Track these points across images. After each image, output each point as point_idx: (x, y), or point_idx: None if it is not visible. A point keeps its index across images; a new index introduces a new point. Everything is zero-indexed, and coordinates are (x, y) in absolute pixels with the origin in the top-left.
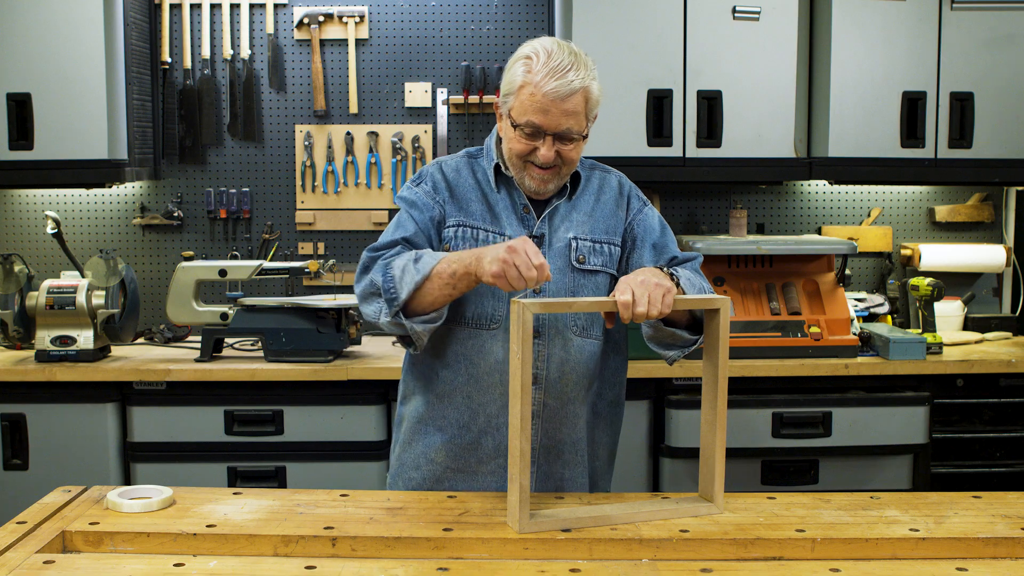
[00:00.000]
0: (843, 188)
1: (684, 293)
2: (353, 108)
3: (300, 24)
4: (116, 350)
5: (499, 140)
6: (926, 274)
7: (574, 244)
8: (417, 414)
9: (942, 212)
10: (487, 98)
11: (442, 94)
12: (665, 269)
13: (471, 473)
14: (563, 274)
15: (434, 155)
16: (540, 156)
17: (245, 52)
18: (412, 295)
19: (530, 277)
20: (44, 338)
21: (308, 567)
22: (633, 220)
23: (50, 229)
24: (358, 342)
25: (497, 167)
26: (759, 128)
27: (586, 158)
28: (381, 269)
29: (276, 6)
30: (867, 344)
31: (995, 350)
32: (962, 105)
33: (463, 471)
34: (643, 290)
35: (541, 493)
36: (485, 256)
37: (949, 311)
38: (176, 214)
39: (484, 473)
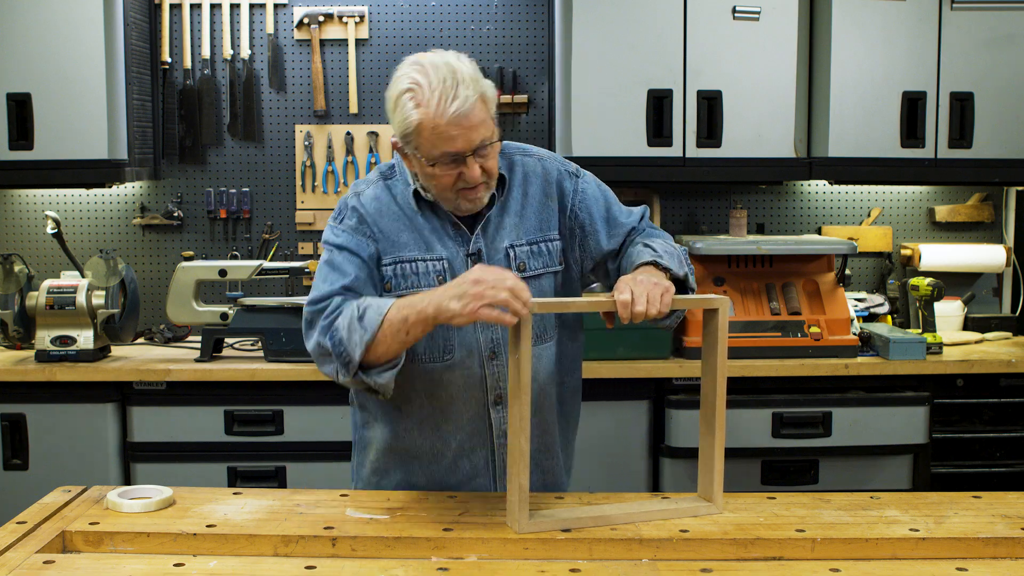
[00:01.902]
0: (843, 188)
1: (671, 272)
2: (353, 108)
3: (300, 24)
4: (116, 350)
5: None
6: (926, 274)
7: (511, 253)
8: (386, 443)
9: (942, 212)
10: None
11: None
12: (659, 264)
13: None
14: None
15: None
16: (468, 178)
17: (245, 52)
18: (364, 353)
19: (518, 306)
20: (44, 338)
21: (308, 567)
22: (572, 207)
23: (50, 229)
24: None
25: (416, 192)
26: (759, 128)
27: (505, 144)
28: (326, 331)
29: (276, 6)
30: (867, 344)
31: (995, 350)
32: (962, 105)
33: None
34: (642, 289)
35: (541, 493)
36: (444, 299)
37: (949, 311)
38: (176, 214)
39: (467, 491)
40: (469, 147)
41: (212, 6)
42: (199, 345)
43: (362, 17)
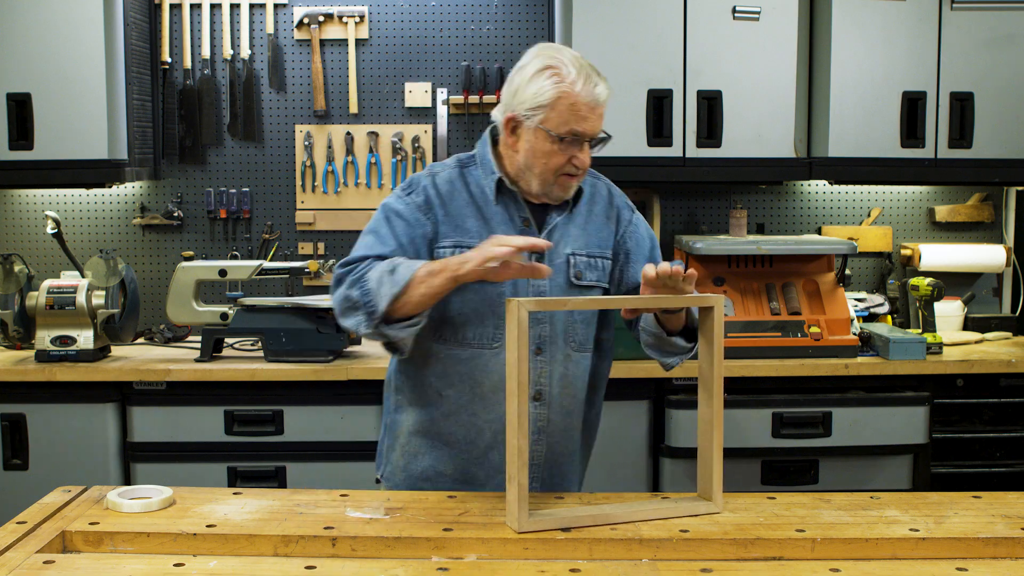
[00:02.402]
0: (843, 188)
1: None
2: (353, 108)
3: (300, 24)
4: (116, 350)
5: (496, 152)
6: (926, 274)
7: (572, 260)
8: (420, 426)
9: (942, 212)
10: (487, 98)
11: (442, 94)
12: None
13: (479, 486)
14: (562, 290)
15: (434, 155)
16: (579, 162)
17: (245, 52)
18: (391, 305)
19: (506, 252)
20: (44, 338)
21: (308, 567)
22: (624, 232)
23: (50, 229)
24: (358, 342)
25: (499, 182)
26: (759, 128)
27: None
28: (356, 283)
29: (276, 6)
30: (867, 344)
31: (995, 350)
32: (962, 105)
33: (470, 483)
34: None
35: (541, 493)
36: (471, 257)
37: (949, 311)
38: (176, 214)
39: (492, 486)
40: (594, 132)
41: (212, 6)
42: (199, 345)
43: (362, 17)
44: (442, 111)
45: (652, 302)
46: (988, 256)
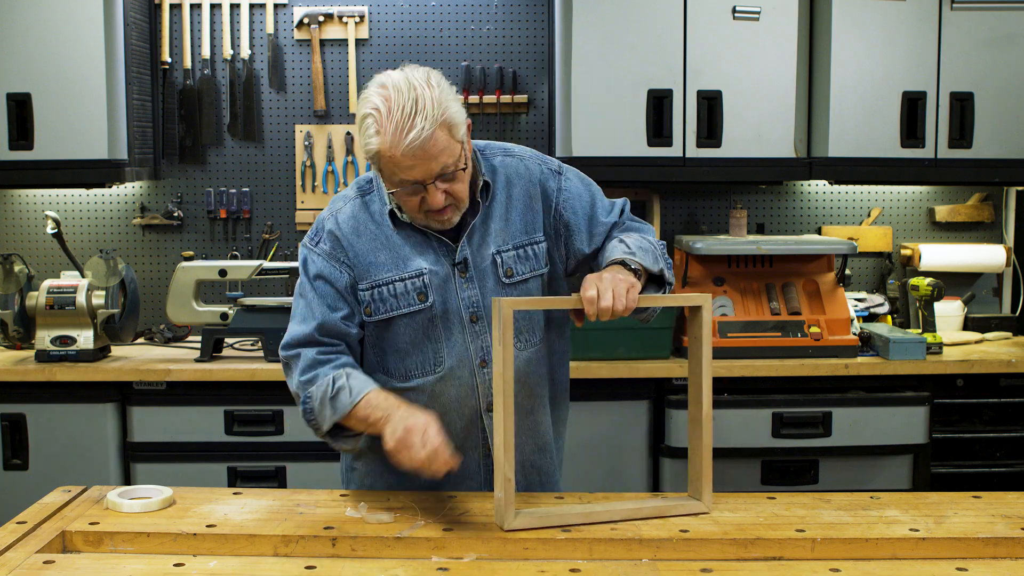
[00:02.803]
0: (843, 188)
1: (644, 268)
2: (353, 108)
3: (300, 24)
4: (116, 350)
5: None
6: (926, 274)
7: (498, 260)
8: (378, 450)
9: (942, 212)
10: (487, 98)
11: None
12: (629, 262)
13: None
14: (494, 293)
15: None
16: (430, 204)
17: (245, 52)
18: (333, 427)
19: (434, 470)
20: (44, 338)
21: (308, 567)
22: (556, 206)
23: (50, 229)
24: None
25: (392, 212)
26: (759, 128)
27: (487, 145)
28: (302, 387)
29: (276, 6)
30: (867, 344)
31: (995, 350)
32: (962, 105)
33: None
34: (607, 285)
35: (540, 493)
36: (386, 430)
37: (949, 311)
38: (176, 214)
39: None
40: (428, 176)
41: (212, 6)
42: (199, 345)
43: (362, 17)
44: None
45: (640, 301)
46: (988, 256)
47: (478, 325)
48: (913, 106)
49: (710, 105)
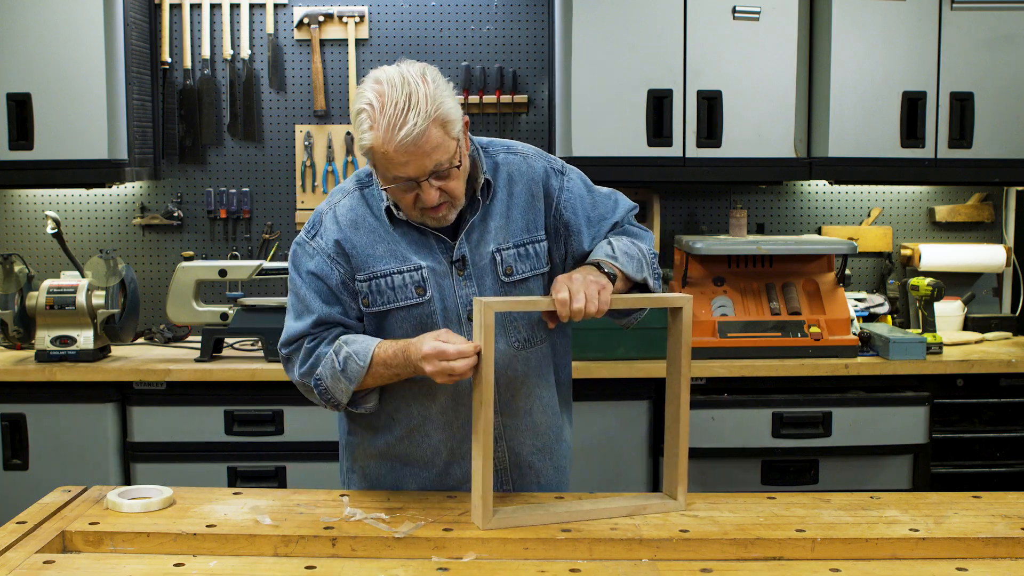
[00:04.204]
0: (843, 188)
1: (623, 273)
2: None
3: (300, 24)
4: (116, 350)
5: None
6: (926, 274)
7: (497, 258)
8: (376, 450)
9: (942, 212)
10: (487, 98)
11: None
12: (604, 265)
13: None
14: (493, 292)
15: None
16: (424, 201)
17: (245, 52)
18: (351, 396)
19: (464, 372)
20: (44, 338)
21: (308, 567)
22: (558, 205)
23: (50, 229)
24: None
25: (389, 209)
26: (759, 128)
27: (489, 142)
28: (309, 376)
29: (276, 6)
30: (867, 344)
31: (995, 350)
32: (962, 105)
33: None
34: (578, 287)
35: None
36: (413, 357)
37: (949, 311)
38: (176, 214)
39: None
40: (421, 173)
41: (212, 6)
42: (199, 345)
43: (362, 17)
44: None
45: (617, 303)
46: (988, 256)
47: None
48: (913, 106)
49: (710, 105)
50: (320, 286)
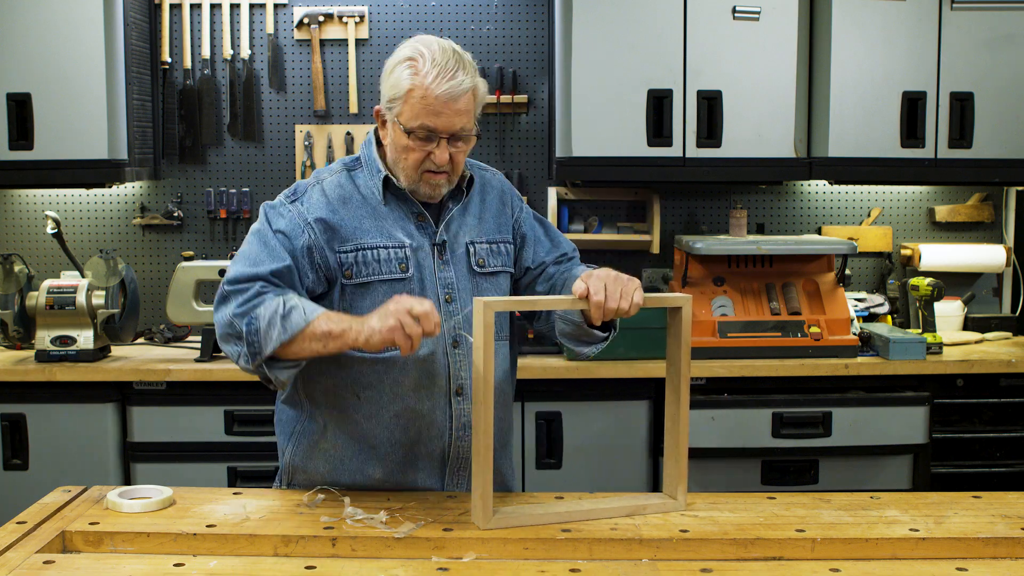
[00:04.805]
0: (843, 188)
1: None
2: (353, 108)
3: (300, 24)
4: (116, 350)
5: (380, 151)
6: (926, 274)
7: (471, 248)
8: (339, 427)
9: (942, 212)
10: (487, 98)
11: None
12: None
13: (410, 481)
14: (466, 279)
15: None
16: (436, 159)
17: (245, 52)
18: (277, 350)
19: (418, 334)
20: (44, 338)
21: (308, 567)
22: (518, 219)
23: (50, 229)
24: None
25: (386, 180)
26: (759, 128)
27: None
28: (244, 316)
29: (276, 6)
30: (867, 344)
31: (995, 350)
32: (962, 105)
33: (401, 482)
34: (616, 286)
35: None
36: (363, 331)
37: (949, 311)
38: (176, 214)
39: (422, 480)
40: (448, 129)
41: (212, 6)
42: (199, 345)
43: (362, 17)
44: None
45: None
46: (988, 256)
47: (452, 305)
48: (913, 106)
49: (710, 105)
50: (287, 243)
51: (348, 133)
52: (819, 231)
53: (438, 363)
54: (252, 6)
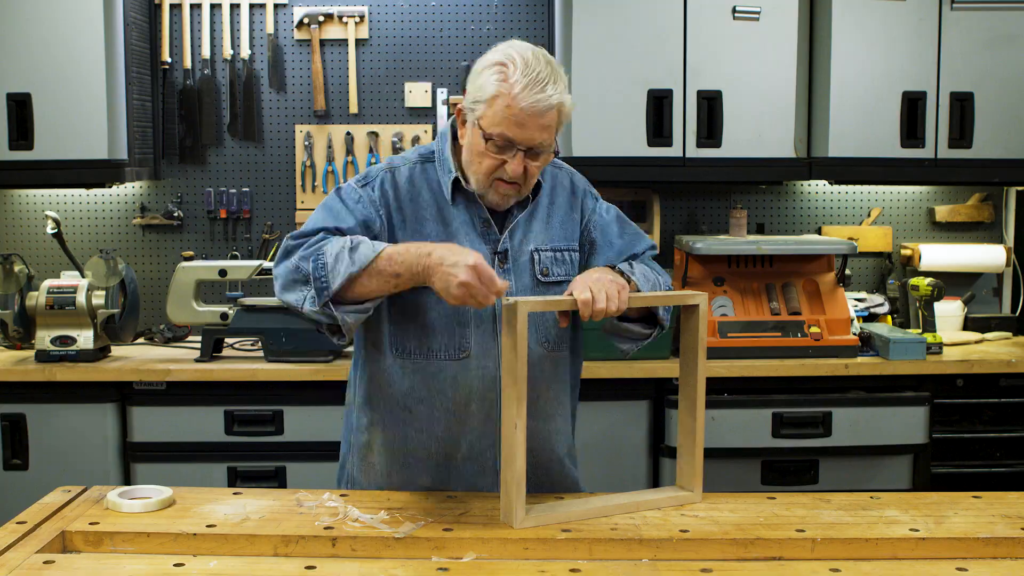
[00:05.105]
0: (843, 188)
1: (639, 290)
2: (353, 108)
3: (300, 24)
4: (116, 350)
5: (455, 148)
6: (926, 274)
7: (536, 256)
8: (393, 445)
9: (942, 212)
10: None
11: (442, 94)
12: (616, 268)
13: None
14: (528, 289)
15: None
16: (509, 171)
17: (245, 52)
18: (344, 286)
19: (488, 303)
20: (44, 338)
21: (308, 567)
22: (589, 222)
23: (50, 229)
24: None
25: (456, 181)
26: (759, 128)
27: None
28: (310, 254)
29: (276, 6)
30: (867, 344)
31: (995, 350)
32: (962, 105)
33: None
34: (600, 287)
35: (539, 494)
36: (436, 272)
37: (949, 311)
38: (176, 214)
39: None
40: (527, 142)
41: (212, 6)
42: (199, 345)
43: (362, 17)
44: (442, 111)
45: (635, 301)
46: (988, 256)
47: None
48: (913, 106)
49: (710, 105)
50: (353, 215)
51: (348, 133)
52: (819, 231)
53: (490, 374)
54: (252, 6)
